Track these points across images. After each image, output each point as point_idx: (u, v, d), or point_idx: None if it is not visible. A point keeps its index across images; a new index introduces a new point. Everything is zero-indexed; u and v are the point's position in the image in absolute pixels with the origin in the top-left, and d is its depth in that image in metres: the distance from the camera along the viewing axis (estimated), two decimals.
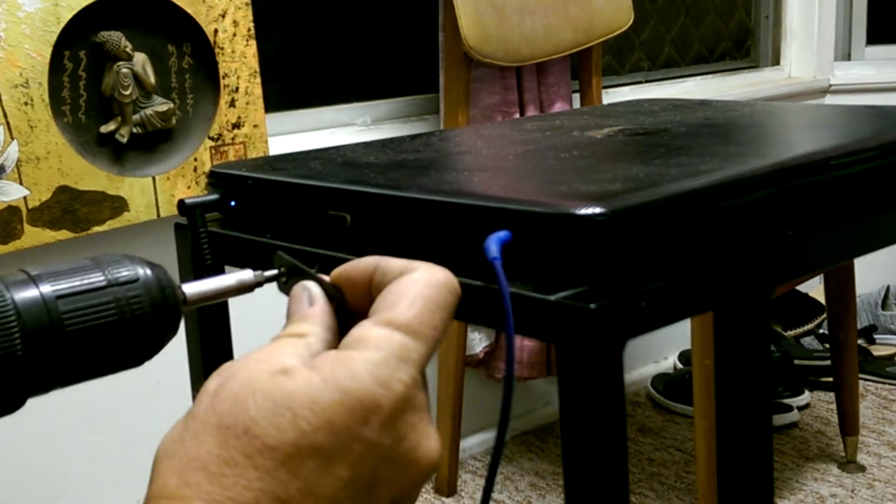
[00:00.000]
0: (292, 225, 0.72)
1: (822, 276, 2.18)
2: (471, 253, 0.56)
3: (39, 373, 0.40)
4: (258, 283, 0.48)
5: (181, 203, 0.73)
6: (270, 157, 0.88)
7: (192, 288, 0.46)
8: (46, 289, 0.40)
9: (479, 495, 1.96)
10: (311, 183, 0.71)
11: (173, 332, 0.44)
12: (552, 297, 0.52)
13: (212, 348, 0.80)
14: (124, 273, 0.42)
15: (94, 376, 0.42)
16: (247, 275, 0.48)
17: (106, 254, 0.43)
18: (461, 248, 0.58)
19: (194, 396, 0.40)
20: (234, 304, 0.64)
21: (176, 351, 0.44)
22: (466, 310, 0.58)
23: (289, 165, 0.79)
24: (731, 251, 0.60)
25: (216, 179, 0.79)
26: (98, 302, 0.41)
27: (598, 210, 0.54)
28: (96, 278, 0.41)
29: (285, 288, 0.47)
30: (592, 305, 0.51)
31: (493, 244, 0.54)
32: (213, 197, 0.76)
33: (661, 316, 0.55)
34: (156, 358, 0.51)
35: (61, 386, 0.41)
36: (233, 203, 0.76)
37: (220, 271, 0.66)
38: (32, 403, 0.41)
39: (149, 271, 0.43)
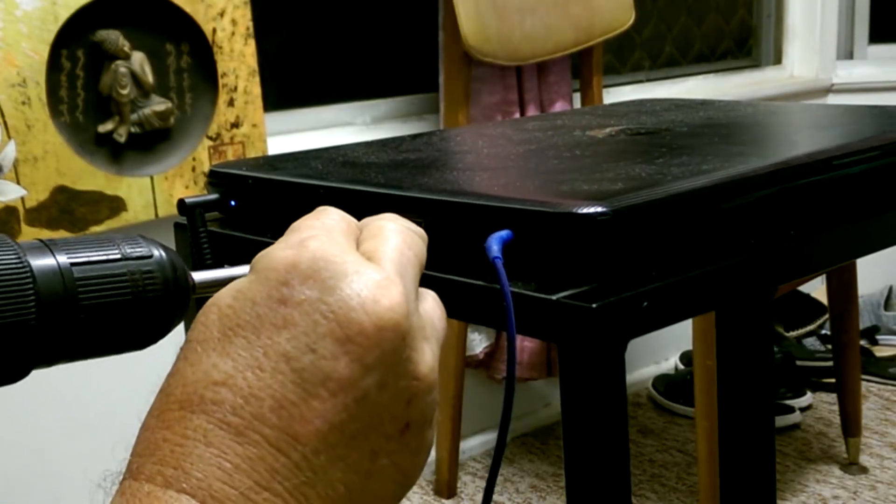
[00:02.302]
0: None
1: (824, 276, 2.17)
2: (472, 252, 0.55)
3: (49, 342, 0.40)
4: None
5: (181, 202, 0.73)
6: (270, 157, 0.88)
7: (200, 276, 0.46)
8: (62, 257, 0.40)
9: (479, 497, 1.95)
10: (311, 182, 0.71)
11: (182, 314, 0.44)
12: (554, 297, 0.52)
13: None
14: (138, 249, 0.42)
15: (100, 353, 0.42)
16: None
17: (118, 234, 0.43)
18: (463, 247, 0.58)
19: None
20: None
21: (174, 353, 0.44)
22: (467, 309, 0.57)
23: (289, 165, 0.79)
24: (733, 251, 0.60)
25: (216, 179, 0.78)
26: (112, 273, 0.41)
27: (599, 209, 0.53)
28: (111, 251, 0.42)
29: None
30: (594, 305, 0.50)
31: (495, 243, 0.54)
32: (213, 196, 0.76)
33: (663, 316, 0.55)
34: (152, 359, 0.51)
35: (67, 360, 0.41)
36: (233, 203, 0.76)
37: None
38: (30, 404, 0.41)
39: (162, 251, 0.43)
